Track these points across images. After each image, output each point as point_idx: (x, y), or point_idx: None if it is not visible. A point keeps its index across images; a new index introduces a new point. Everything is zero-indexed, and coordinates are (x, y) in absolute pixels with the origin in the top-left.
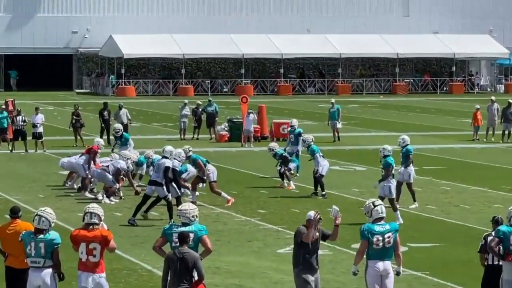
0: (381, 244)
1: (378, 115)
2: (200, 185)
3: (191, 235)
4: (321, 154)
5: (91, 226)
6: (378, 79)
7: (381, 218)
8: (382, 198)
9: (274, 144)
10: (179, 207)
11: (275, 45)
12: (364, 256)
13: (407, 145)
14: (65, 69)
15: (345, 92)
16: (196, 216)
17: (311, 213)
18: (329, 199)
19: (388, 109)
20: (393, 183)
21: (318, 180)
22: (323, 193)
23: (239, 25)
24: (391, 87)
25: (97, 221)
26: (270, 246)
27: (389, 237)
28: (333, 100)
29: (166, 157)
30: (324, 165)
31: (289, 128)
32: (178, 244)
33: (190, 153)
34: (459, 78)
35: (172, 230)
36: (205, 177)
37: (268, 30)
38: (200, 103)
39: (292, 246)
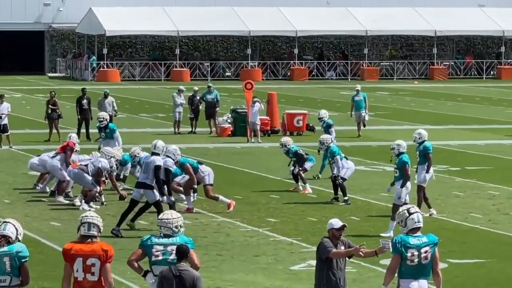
0: (416, 260)
1: (412, 105)
2: (192, 194)
3: (175, 248)
4: (342, 155)
5: (89, 239)
6: (412, 61)
7: (418, 229)
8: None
9: (287, 139)
10: (160, 216)
11: (288, 20)
12: (396, 274)
13: (424, 141)
14: (36, 49)
15: (372, 77)
16: (180, 226)
17: (335, 222)
18: (353, 205)
19: (423, 97)
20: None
21: (339, 184)
22: (345, 198)
23: None
24: (428, 71)
25: (96, 233)
26: (282, 262)
27: (426, 251)
28: (358, 87)
29: (157, 154)
30: (348, 167)
31: (319, 121)
32: (158, 259)
33: (179, 156)
34: (509, 61)
35: (152, 241)
36: (195, 186)
37: (280, 2)
38: (197, 89)
39: (308, 262)
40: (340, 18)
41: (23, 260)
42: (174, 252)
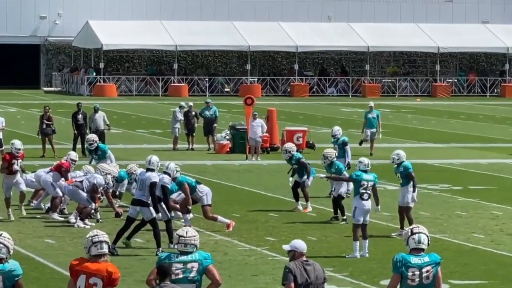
0: (417, 279)
1: (414, 122)
2: (187, 215)
3: (196, 265)
4: (345, 172)
5: (102, 258)
6: (414, 78)
7: (420, 250)
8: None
9: (291, 145)
10: (179, 233)
11: (288, 35)
12: None
13: (402, 161)
14: (31, 62)
15: (374, 94)
16: (197, 244)
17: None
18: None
19: (426, 114)
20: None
21: (337, 202)
22: (344, 217)
23: (245, 10)
24: (430, 88)
25: (107, 251)
26: (281, 282)
27: (428, 271)
28: (371, 104)
29: (152, 170)
30: (348, 187)
31: (331, 139)
32: (178, 277)
33: (177, 174)
34: None
35: (171, 259)
36: (190, 207)
37: (280, 17)
38: (191, 104)
39: None
40: (342, 34)
41: (16, 279)
42: (195, 269)
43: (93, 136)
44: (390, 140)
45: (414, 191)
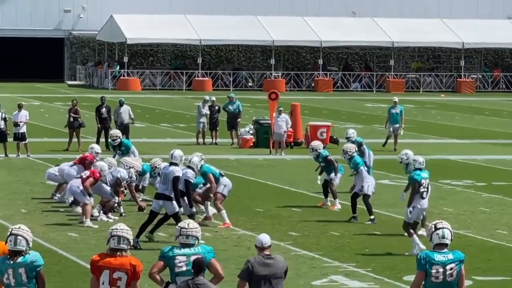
0: (441, 277)
1: (438, 118)
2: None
3: None
4: (366, 168)
5: (118, 253)
6: (439, 73)
7: (443, 245)
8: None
9: (318, 143)
10: (181, 225)
11: (313, 30)
12: None
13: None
14: (55, 56)
15: (398, 89)
16: (200, 236)
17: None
18: (377, 220)
19: (450, 110)
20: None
21: (364, 201)
22: (372, 217)
23: (269, 5)
24: (455, 84)
25: (125, 247)
26: (304, 277)
27: (451, 268)
28: (396, 99)
29: (175, 164)
30: (370, 183)
31: (347, 142)
32: (182, 270)
33: (202, 162)
34: None
35: (174, 253)
36: (211, 194)
37: (305, 12)
38: (214, 99)
39: (329, 277)
40: (366, 29)
41: (38, 269)
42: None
43: (116, 132)
44: (414, 136)
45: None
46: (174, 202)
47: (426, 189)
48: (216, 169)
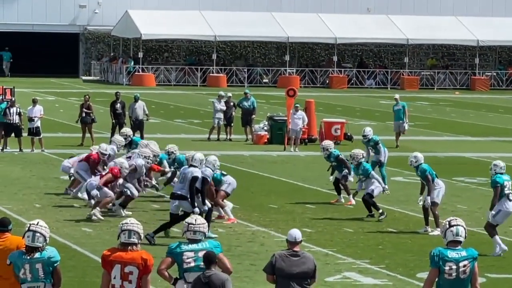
0: (454, 274)
1: (452, 115)
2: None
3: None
4: (380, 165)
5: (129, 247)
6: (453, 71)
7: (457, 242)
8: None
9: (329, 142)
10: (188, 220)
11: (328, 27)
12: None
13: (420, 164)
14: (70, 51)
15: (412, 87)
16: (206, 231)
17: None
18: (390, 217)
19: (464, 108)
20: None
21: (366, 200)
22: (380, 211)
23: (284, 1)
24: (469, 82)
25: (136, 241)
26: None
27: (465, 265)
28: (397, 96)
29: (195, 166)
30: (378, 186)
31: (362, 139)
32: (190, 266)
33: (217, 167)
34: None
35: (182, 249)
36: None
37: (319, 8)
38: (230, 95)
39: (343, 274)
40: (381, 26)
41: (55, 265)
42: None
43: (126, 131)
44: (428, 133)
45: (428, 195)
46: (190, 201)
47: (510, 191)
48: (217, 170)
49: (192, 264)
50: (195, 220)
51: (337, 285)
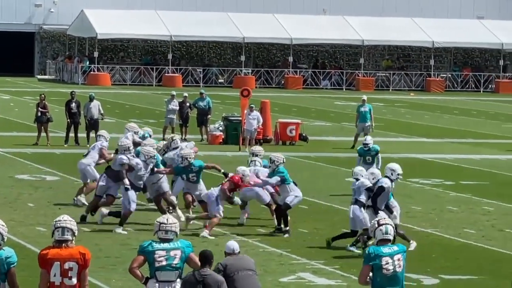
0: (391, 268)
1: (407, 117)
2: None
3: (178, 252)
4: (291, 180)
5: (64, 244)
6: (408, 72)
7: (387, 240)
8: None
9: (259, 148)
10: (160, 220)
11: (283, 28)
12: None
13: (378, 180)
14: (25, 50)
15: (368, 88)
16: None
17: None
18: (345, 218)
19: (419, 109)
20: None
21: (280, 211)
22: (287, 228)
23: (240, 2)
24: (424, 83)
25: (70, 237)
26: (272, 274)
27: (399, 259)
28: (364, 97)
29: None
30: (298, 195)
31: (361, 147)
32: (162, 264)
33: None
34: (507, 74)
35: (153, 247)
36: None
37: (275, 9)
38: (186, 95)
39: (297, 274)
40: (336, 27)
41: (11, 266)
42: (178, 256)
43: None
44: (383, 134)
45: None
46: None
47: None
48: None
49: (164, 263)
50: (167, 219)
51: (292, 286)
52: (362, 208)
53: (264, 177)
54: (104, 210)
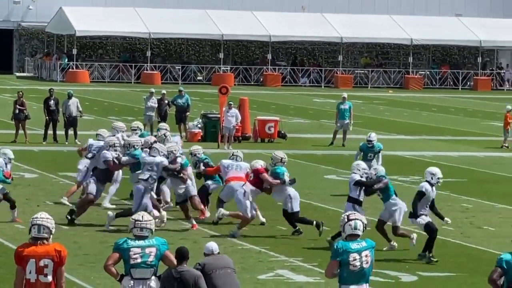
0: (358, 264)
1: (386, 114)
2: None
3: (154, 250)
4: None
5: (39, 241)
6: (387, 69)
7: (356, 236)
8: None
9: (196, 147)
10: (135, 217)
11: (262, 25)
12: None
13: (381, 175)
14: (4, 47)
15: (346, 85)
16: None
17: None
18: (324, 215)
19: (398, 106)
20: None
21: (291, 218)
22: (299, 229)
23: None
24: (403, 80)
25: (46, 235)
26: (250, 271)
27: (366, 255)
28: (345, 95)
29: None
30: (296, 198)
31: (364, 144)
32: (137, 262)
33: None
34: (485, 72)
35: (129, 244)
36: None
37: (254, 6)
38: (165, 92)
39: (276, 272)
40: (315, 24)
41: None
42: (153, 254)
43: (137, 124)
44: (362, 132)
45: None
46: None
47: None
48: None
49: (139, 260)
50: (142, 216)
51: (270, 283)
52: (356, 205)
53: None
54: (111, 213)
